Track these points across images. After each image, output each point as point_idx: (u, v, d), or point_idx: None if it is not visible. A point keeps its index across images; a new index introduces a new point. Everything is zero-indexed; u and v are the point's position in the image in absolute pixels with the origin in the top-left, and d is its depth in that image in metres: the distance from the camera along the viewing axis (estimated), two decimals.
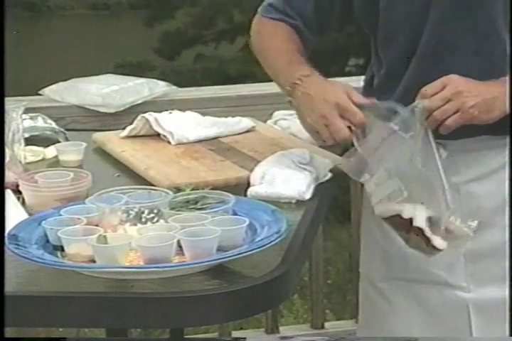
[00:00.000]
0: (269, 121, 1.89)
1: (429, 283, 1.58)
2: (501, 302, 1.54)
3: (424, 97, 1.42)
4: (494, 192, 1.53)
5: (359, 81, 1.72)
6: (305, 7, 1.63)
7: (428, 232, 1.38)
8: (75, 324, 1.31)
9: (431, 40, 1.50)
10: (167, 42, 10.98)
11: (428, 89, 1.42)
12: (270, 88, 2.33)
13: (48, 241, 1.25)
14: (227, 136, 1.79)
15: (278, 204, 1.40)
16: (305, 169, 1.51)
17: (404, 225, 1.40)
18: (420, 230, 1.38)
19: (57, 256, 1.22)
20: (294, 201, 1.44)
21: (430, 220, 1.39)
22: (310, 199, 1.45)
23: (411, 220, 1.39)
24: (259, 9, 1.70)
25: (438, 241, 1.38)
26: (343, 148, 1.76)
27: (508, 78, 1.44)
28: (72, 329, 3.01)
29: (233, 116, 1.87)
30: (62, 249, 1.22)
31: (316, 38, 1.67)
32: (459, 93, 1.40)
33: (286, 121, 1.85)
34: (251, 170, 1.52)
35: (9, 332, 1.19)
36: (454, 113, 1.41)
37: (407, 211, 1.39)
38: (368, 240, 1.70)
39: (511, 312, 1.46)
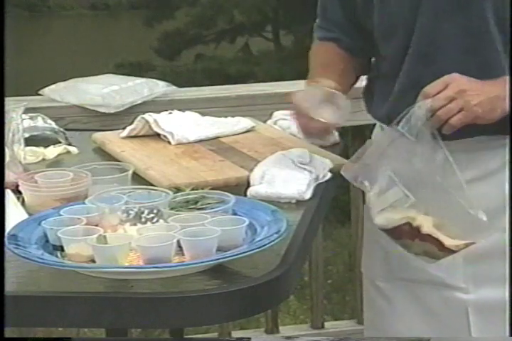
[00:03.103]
0: (269, 121, 1.89)
1: (428, 283, 1.58)
2: (500, 303, 1.54)
3: (427, 97, 1.39)
4: (493, 193, 1.53)
5: (361, 81, 1.72)
6: (337, 17, 1.64)
7: (440, 236, 1.36)
8: (75, 324, 1.31)
9: (422, 39, 1.49)
10: (167, 42, 10.99)
11: (430, 88, 1.40)
12: (270, 88, 2.33)
13: (47, 241, 1.25)
14: (227, 136, 1.79)
15: (278, 204, 1.40)
16: (305, 169, 1.51)
17: (409, 233, 1.38)
18: (429, 236, 1.37)
19: (57, 256, 1.22)
20: (293, 201, 1.44)
21: (435, 224, 1.37)
22: (310, 199, 1.45)
23: (417, 227, 1.37)
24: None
25: (452, 242, 1.37)
26: (343, 148, 1.76)
27: (507, 78, 1.43)
28: (71, 329, 3.01)
29: (233, 116, 1.87)
30: (62, 249, 1.22)
31: (366, 46, 1.64)
32: (463, 91, 1.39)
33: (286, 121, 1.85)
34: (251, 170, 1.52)
35: (9, 332, 1.19)
36: (458, 112, 1.38)
37: (416, 218, 1.37)
38: (369, 240, 1.70)
39: (511, 312, 1.46)
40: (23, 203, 1.43)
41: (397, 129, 1.38)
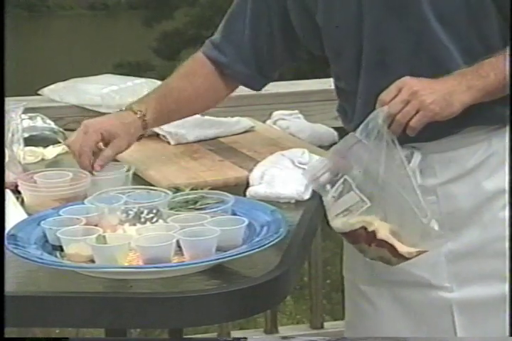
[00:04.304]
0: (268, 121, 1.89)
1: (412, 284, 1.58)
2: (484, 301, 1.56)
3: (383, 104, 1.43)
4: (471, 191, 1.55)
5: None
6: (242, 40, 1.66)
7: (395, 242, 1.38)
8: (74, 324, 1.31)
9: (372, 48, 1.52)
10: (166, 42, 10.99)
11: (385, 95, 1.43)
12: (269, 88, 2.32)
13: (47, 241, 1.25)
14: (226, 136, 1.79)
15: (277, 204, 1.40)
16: (304, 169, 1.51)
17: (366, 238, 1.40)
18: (384, 241, 1.38)
19: (56, 256, 1.22)
20: (293, 201, 1.44)
21: (391, 230, 1.39)
22: (309, 199, 1.45)
23: (373, 232, 1.39)
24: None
25: (405, 249, 1.39)
26: None
27: (458, 71, 1.46)
28: (71, 329, 3.01)
29: (232, 116, 1.87)
30: (61, 249, 1.22)
31: (263, 73, 1.69)
32: (416, 93, 1.42)
33: (286, 121, 1.85)
34: (250, 170, 1.52)
35: (7, 331, 1.19)
36: (416, 113, 1.42)
37: (373, 223, 1.39)
38: (350, 244, 1.71)
39: (511, 312, 1.46)
40: (22, 203, 1.43)
41: (355, 136, 1.41)
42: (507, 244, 1.51)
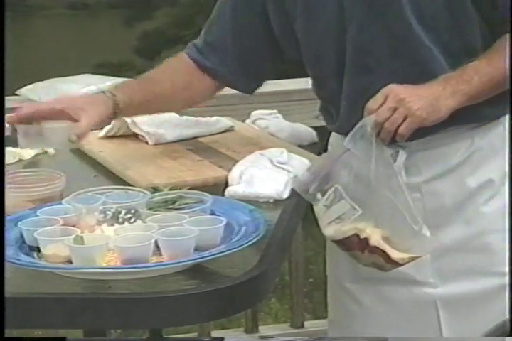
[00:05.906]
0: (247, 121, 1.89)
1: (396, 281, 1.59)
2: (468, 296, 1.57)
3: (371, 112, 1.43)
4: (455, 188, 1.56)
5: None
6: (224, 44, 1.66)
7: (388, 248, 1.39)
8: (52, 325, 1.30)
9: (354, 50, 1.53)
10: (146, 42, 10.97)
11: (371, 103, 1.44)
12: None
13: (24, 242, 1.24)
14: (205, 135, 1.78)
15: (256, 203, 1.40)
16: (283, 168, 1.51)
17: (359, 245, 1.40)
18: (376, 248, 1.39)
19: (33, 257, 1.21)
20: (271, 200, 1.44)
21: (383, 237, 1.39)
22: (288, 198, 1.45)
23: (366, 239, 1.39)
24: None
25: (398, 255, 1.39)
26: (321, 147, 1.76)
27: (442, 77, 1.46)
28: (49, 331, 2.99)
29: (211, 116, 1.87)
30: (38, 249, 1.22)
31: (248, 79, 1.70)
32: (402, 100, 1.42)
33: (265, 121, 1.85)
34: (229, 170, 1.52)
35: None
36: (404, 120, 1.42)
37: (365, 230, 1.39)
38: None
39: (511, 310, 1.46)
40: None
41: (343, 145, 1.42)
42: (507, 242, 1.51)
